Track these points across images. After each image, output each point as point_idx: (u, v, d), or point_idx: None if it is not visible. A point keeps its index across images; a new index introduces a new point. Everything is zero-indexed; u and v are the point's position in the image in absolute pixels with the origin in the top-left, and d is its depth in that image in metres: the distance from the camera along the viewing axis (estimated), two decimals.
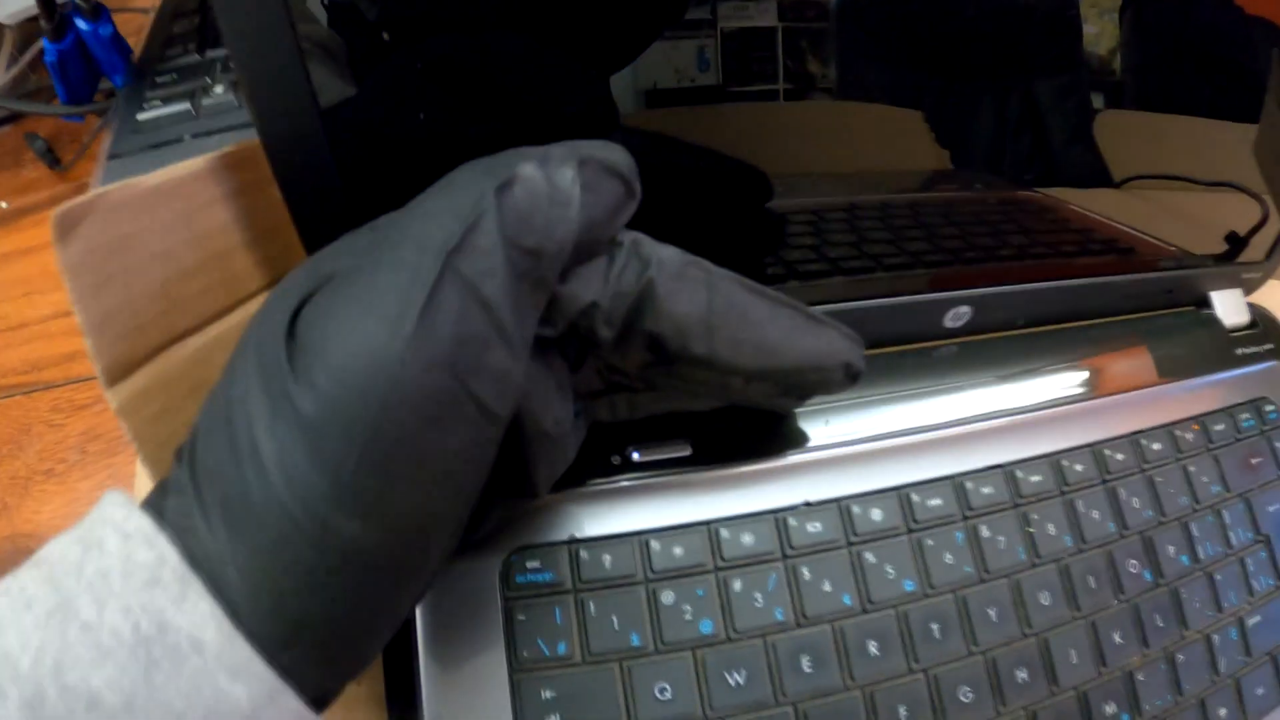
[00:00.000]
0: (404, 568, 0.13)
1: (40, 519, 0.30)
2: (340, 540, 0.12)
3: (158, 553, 0.12)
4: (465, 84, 0.17)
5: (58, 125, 0.38)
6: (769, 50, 0.19)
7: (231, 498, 0.12)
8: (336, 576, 0.12)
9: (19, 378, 0.33)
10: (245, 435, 0.12)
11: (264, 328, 0.13)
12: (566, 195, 0.13)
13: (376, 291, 0.12)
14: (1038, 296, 0.26)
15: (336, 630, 0.13)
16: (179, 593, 0.12)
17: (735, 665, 0.19)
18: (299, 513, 0.12)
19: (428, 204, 0.13)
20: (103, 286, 0.16)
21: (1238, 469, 0.26)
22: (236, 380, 0.13)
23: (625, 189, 0.15)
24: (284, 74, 0.16)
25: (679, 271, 0.15)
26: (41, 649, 0.11)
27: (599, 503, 0.20)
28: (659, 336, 0.15)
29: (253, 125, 0.31)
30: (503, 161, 0.13)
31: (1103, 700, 0.21)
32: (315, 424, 0.12)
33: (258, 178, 0.19)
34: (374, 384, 0.12)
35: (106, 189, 0.16)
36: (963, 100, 0.22)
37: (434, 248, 0.12)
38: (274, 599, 0.12)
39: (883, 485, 0.22)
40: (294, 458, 0.12)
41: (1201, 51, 0.25)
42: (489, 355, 0.13)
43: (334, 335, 0.12)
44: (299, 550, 0.12)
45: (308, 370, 0.12)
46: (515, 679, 0.18)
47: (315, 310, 0.13)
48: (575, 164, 0.13)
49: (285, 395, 0.12)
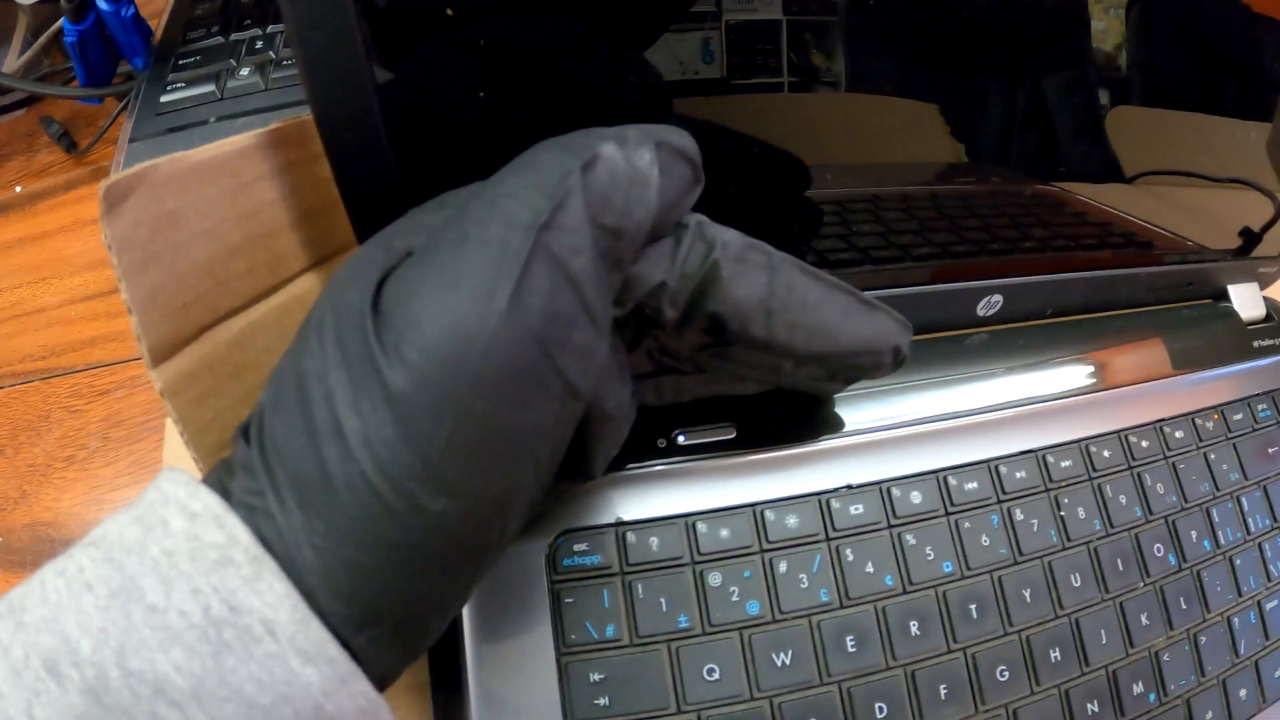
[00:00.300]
0: (482, 545, 0.14)
1: (60, 507, 0.30)
2: (426, 518, 0.12)
3: (228, 532, 0.12)
4: (525, 67, 0.17)
5: (74, 109, 0.37)
6: (773, 43, 0.19)
7: (307, 475, 0.12)
8: (418, 554, 0.12)
9: (37, 364, 0.32)
10: (324, 411, 0.12)
11: (342, 302, 0.13)
12: (645, 177, 0.13)
13: (467, 267, 0.12)
14: (1065, 287, 0.27)
15: (411, 610, 0.13)
16: (252, 573, 0.12)
17: (782, 646, 0.19)
18: (386, 490, 0.12)
19: (510, 181, 0.13)
20: (149, 263, 0.16)
21: (1255, 458, 0.27)
22: (310, 355, 0.13)
23: (693, 174, 0.15)
24: (340, 49, 0.16)
25: (741, 254, 0.15)
26: (104, 631, 0.11)
27: (645, 485, 0.20)
28: (720, 318, 0.16)
29: (281, 108, 0.31)
30: (580, 141, 0.13)
31: (1131, 680, 0.22)
32: (406, 400, 0.12)
33: (304, 155, 0.19)
34: (467, 360, 0.11)
35: (154, 162, 0.16)
36: (972, 94, 0.22)
37: (523, 224, 0.12)
38: (352, 578, 0.12)
39: (921, 469, 0.22)
40: (382, 434, 0.12)
41: (1206, 49, 0.26)
42: (576, 332, 0.13)
43: (425, 310, 0.12)
44: (382, 528, 0.12)
45: (396, 346, 0.12)
46: (563, 662, 0.19)
47: (402, 285, 0.12)
48: (653, 146, 0.14)
49: (373, 370, 0.12)
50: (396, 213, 0.16)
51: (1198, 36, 0.26)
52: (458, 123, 0.18)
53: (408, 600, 0.13)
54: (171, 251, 0.16)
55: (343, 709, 0.12)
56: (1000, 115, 0.23)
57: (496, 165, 0.14)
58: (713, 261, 0.15)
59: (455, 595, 0.14)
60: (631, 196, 0.13)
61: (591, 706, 0.18)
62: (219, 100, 0.30)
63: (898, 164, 0.23)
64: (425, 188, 0.16)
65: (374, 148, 0.17)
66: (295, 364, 0.13)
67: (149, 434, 0.30)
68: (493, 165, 0.14)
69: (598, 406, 0.16)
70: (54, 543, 0.29)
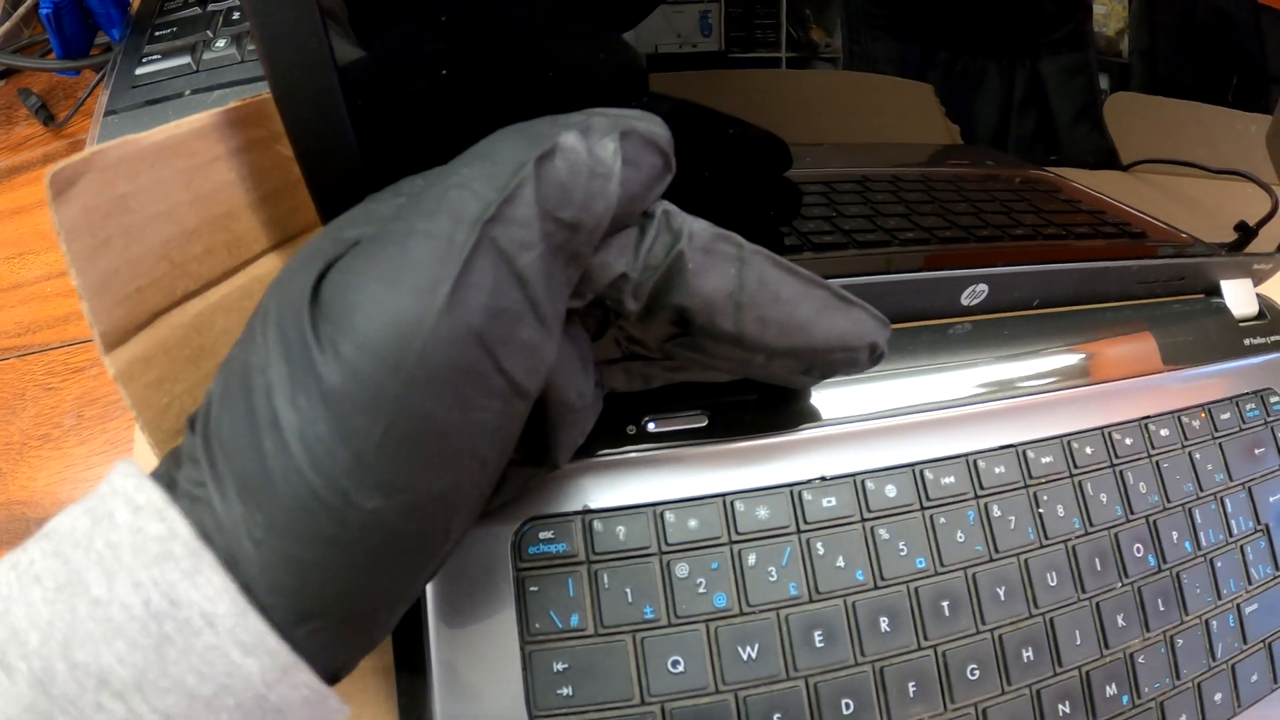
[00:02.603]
0: (424, 543, 0.13)
1: (36, 485, 0.29)
2: (361, 515, 0.12)
3: (169, 526, 0.12)
4: (493, 43, 0.17)
5: (52, 81, 0.37)
6: (773, 17, 0.19)
7: (249, 468, 0.12)
8: (355, 551, 0.12)
9: (12, 340, 0.32)
10: (264, 404, 0.12)
11: (285, 293, 0.12)
12: (608, 169, 0.13)
13: (408, 260, 0.12)
14: (1053, 277, 0.26)
15: (353, 605, 0.13)
16: (191, 567, 0.11)
17: (748, 639, 0.19)
18: (320, 485, 0.12)
19: (463, 171, 0.12)
20: (100, 249, 0.15)
21: (1241, 458, 0.26)
22: (255, 347, 0.12)
23: (663, 162, 0.14)
24: (299, 24, 0.15)
25: (709, 245, 0.15)
26: (50, 624, 0.11)
27: (613, 473, 0.20)
28: (686, 311, 0.15)
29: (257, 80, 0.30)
30: (542, 129, 0.13)
31: (1104, 681, 0.22)
32: (340, 396, 0.11)
33: (264, 135, 0.18)
34: (403, 357, 0.11)
35: (104, 146, 0.15)
36: (970, 75, 0.22)
37: (469, 218, 0.12)
38: (291, 572, 0.12)
39: (897, 462, 0.22)
40: (316, 430, 0.11)
41: (1209, 38, 0.25)
42: (520, 330, 0.12)
43: (362, 305, 0.11)
44: (318, 524, 0.12)
45: (333, 340, 0.11)
46: (526, 650, 0.18)
47: (342, 277, 0.12)
48: (617, 136, 0.13)
49: (309, 365, 0.11)
50: (360, 193, 0.16)
51: (1201, 25, 0.25)
52: (422, 101, 0.17)
53: (349, 595, 0.13)
54: (124, 236, 0.16)
55: (286, 699, 0.12)
56: (998, 97, 0.23)
57: (464, 146, 0.14)
58: (678, 253, 0.15)
59: (401, 591, 0.14)
60: (592, 189, 0.13)
61: (554, 696, 0.18)
62: (195, 73, 0.30)
63: (890, 144, 0.23)
64: (389, 168, 0.16)
65: (335, 127, 0.17)
66: (242, 355, 0.13)
67: (122, 412, 0.30)
68: (460, 146, 0.14)
69: (558, 397, 0.15)
70: (29, 522, 0.29)
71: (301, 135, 0.16)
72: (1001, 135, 0.23)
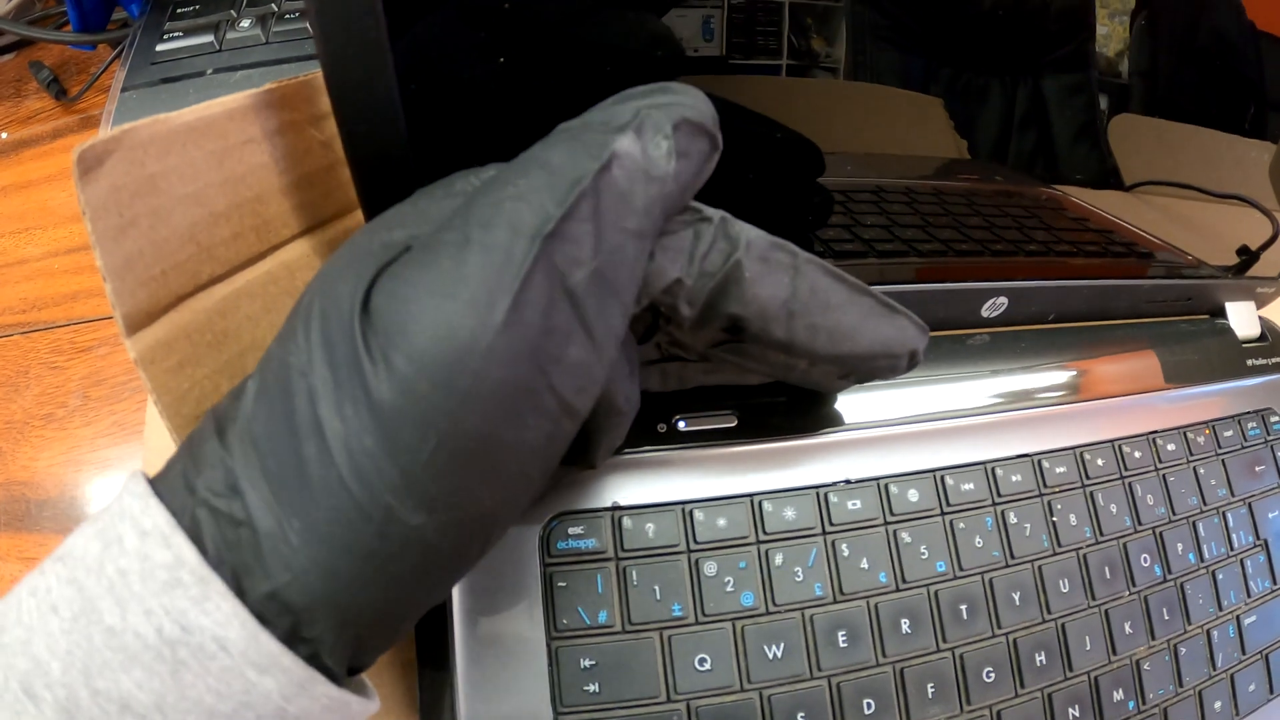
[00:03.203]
0: (462, 556, 0.13)
1: (37, 465, 0.29)
2: (404, 530, 0.12)
3: (175, 553, 0.12)
4: (540, 31, 0.17)
5: (65, 55, 0.36)
6: (775, 25, 0.19)
7: (286, 473, 0.12)
8: (393, 564, 0.12)
9: (16, 316, 0.31)
10: (306, 409, 0.12)
11: (333, 296, 0.12)
12: (664, 171, 0.13)
13: (465, 273, 0.11)
14: (1069, 293, 0.27)
15: (383, 613, 0.13)
16: (200, 594, 0.11)
17: (774, 638, 0.19)
18: (363, 498, 0.11)
19: (520, 182, 0.12)
20: (126, 229, 0.15)
21: (1243, 475, 0.27)
22: (297, 348, 0.12)
23: (711, 145, 0.14)
24: (357, 7, 0.15)
25: (765, 254, 0.15)
26: (70, 654, 0.11)
27: (643, 470, 0.20)
28: (740, 319, 0.15)
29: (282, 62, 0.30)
30: (595, 132, 0.13)
31: (1112, 686, 0.22)
32: (390, 409, 0.11)
33: (299, 118, 0.18)
34: (459, 374, 0.11)
35: (134, 125, 0.15)
36: (974, 91, 0.22)
37: (528, 231, 0.11)
38: (325, 579, 0.12)
39: (919, 467, 0.22)
40: (363, 442, 0.11)
41: (1209, 63, 0.26)
42: (572, 348, 0.12)
43: (418, 317, 0.11)
44: (358, 534, 0.12)
45: (385, 352, 0.11)
46: (553, 646, 0.18)
47: (396, 285, 0.12)
48: (670, 131, 0.13)
49: (358, 374, 0.11)
50: (404, 179, 0.15)
51: (1201, 49, 0.26)
52: (473, 87, 0.17)
53: (379, 605, 0.13)
54: (151, 217, 0.15)
55: (306, 710, 0.12)
56: (1001, 114, 0.23)
57: (509, 134, 0.14)
58: (735, 262, 0.14)
59: (431, 598, 0.14)
60: (650, 193, 0.13)
61: (581, 693, 0.18)
62: (217, 52, 0.29)
63: (902, 156, 0.23)
64: (436, 156, 0.16)
65: (386, 111, 0.17)
66: (281, 354, 0.12)
67: (131, 394, 0.29)
68: (506, 134, 0.14)
69: (608, 403, 0.15)
70: (29, 503, 0.29)
71: (350, 116, 0.16)
72: (1004, 151, 0.24)
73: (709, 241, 0.14)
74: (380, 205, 0.16)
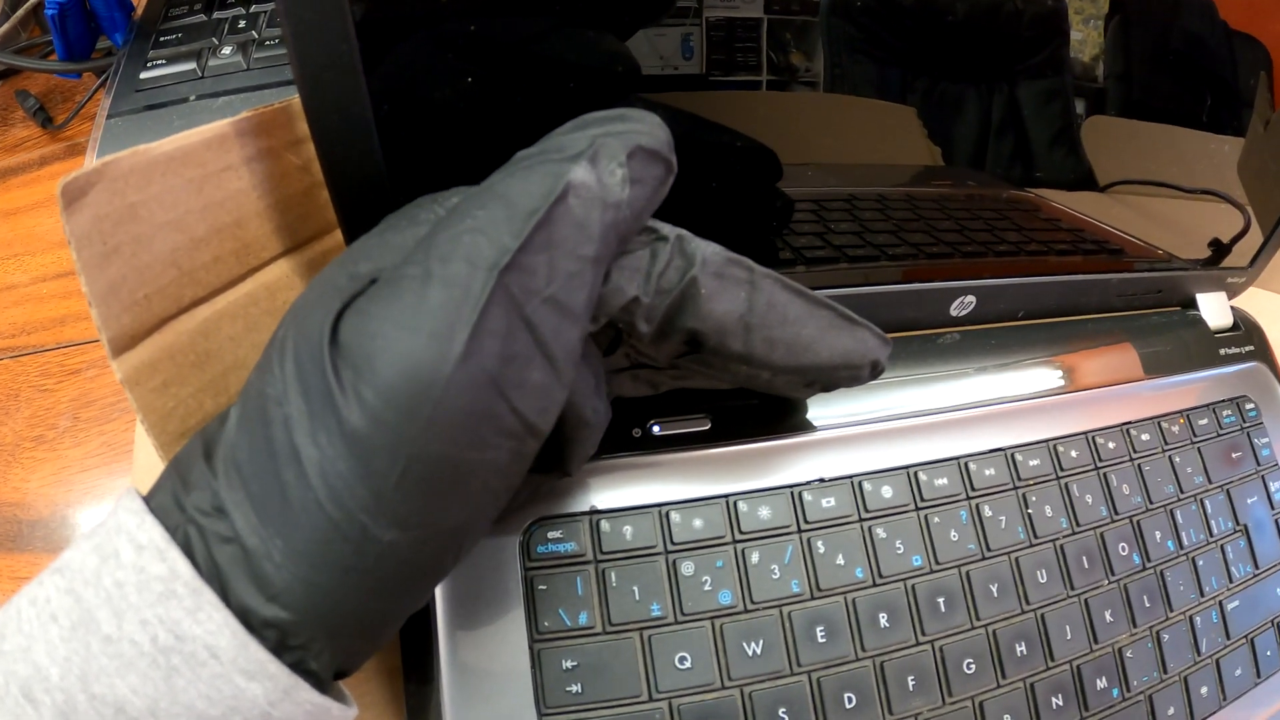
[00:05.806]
0: (436, 567, 0.14)
1: (29, 487, 0.29)
2: (378, 546, 0.12)
3: (170, 566, 0.12)
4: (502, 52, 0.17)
5: (51, 83, 0.37)
6: (754, 41, 0.19)
7: (268, 497, 0.12)
8: (370, 577, 0.13)
9: (6, 341, 0.32)
10: (283, 437, 0.12)
11: (303, 329, 0.13)
12: (618, 198, 0.13)
13: (426, 307, 0.12)
14: (1037, 290, 0.27)
15: (364, 621, 0.14)
16: (193, 604, 0.12)
17: (753, 635, 0.19)
18: (339, 518, 0.12)
19: (478, 214, 0.13)
20: (110, 256, 0.16)
21: (1219, 462, 0.27)
22: (273, 379, 0.13)
23: (666, 170, 0.14)
24: (329, 26, 0.16)
25: (721, 270, 0.15)
26: (68, 660, 0.12)
27: (619, 475, 0.21)
28: (697, 333, 0.16)
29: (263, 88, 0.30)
30: (551, 161, 0.13)
31: (1095, 675, 0.22)
32: (361, 437, 0.12)
33: (275, 144, 0.18)
34: (422, 403, 0.12)
35: (116, 156, 0.15)
36: (950, 99, 0.23)
37: (485, 263, 0.12)
38: (308, 594, 0.13)
39: (892, 464, 0.22)
40: (336, 467, 0.12)
41: (1183, 63, 0.26)
42: (531, 373, 0.13)
43: (383, 350, 0.12)
44: (336, 552, 0.12)
45: (354, 384, 0.12)
46: (535, 649, 0.19)
47: (362, 319, 0.12)
48: (625, 159, 0.13)
49: (330, 405, 0.12)
50: (382, 200, 0.16)
51: (1175, 50, 0.26)
52: (444, 107, 0.17)
53: (361, 614, 0.13)
54: (133, 245, 0.16)
55: (290, 715, 0.13)
56: (977, 121, 0.23)
57: (481, 152, 0.14)
58: (690, 278, 0.15)
59: (410, 605, 0.15)
60: (605, 219, 0.13)
61: (563, 693, 0.18)
62: (199, 79, 0.30)
63: (875, 165, 0.23)
64: (411, 175, 0.16)
65: (361, 132, 0.17)
66: (259, 384, 0.13)
67: (119, 414, 0.30)
68: (477, 151, 0.14)
69: (575, 416, 0.16)
70: (21, 523, 0.29)
71: (327, 139, 0.17)
72: (981, 157, 0.24)
73: (665, 260, 0.15)
74: (359, 224, 0.16)
